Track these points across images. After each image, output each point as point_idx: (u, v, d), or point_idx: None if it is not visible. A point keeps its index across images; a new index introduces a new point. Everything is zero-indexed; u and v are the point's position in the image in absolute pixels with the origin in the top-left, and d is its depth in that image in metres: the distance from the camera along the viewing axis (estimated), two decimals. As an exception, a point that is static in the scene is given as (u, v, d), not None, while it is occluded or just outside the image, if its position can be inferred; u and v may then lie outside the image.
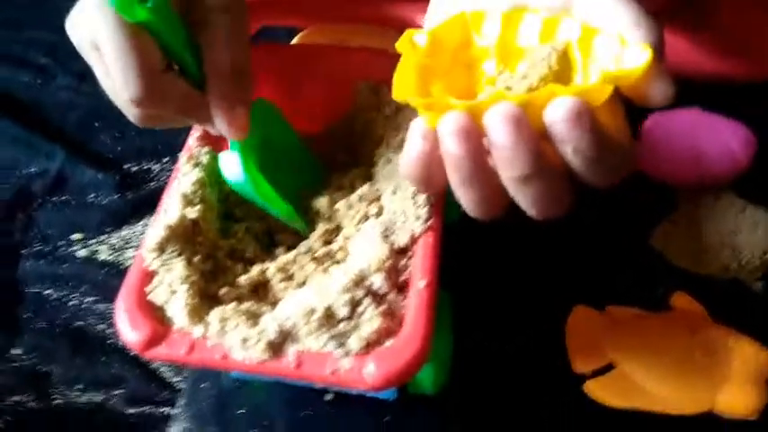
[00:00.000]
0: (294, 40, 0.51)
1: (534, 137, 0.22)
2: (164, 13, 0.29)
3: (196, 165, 0.36)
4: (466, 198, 0.25)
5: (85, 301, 0.45)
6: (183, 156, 0.36)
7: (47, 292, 0.45)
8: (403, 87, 0.26)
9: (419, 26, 0.44)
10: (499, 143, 0.22)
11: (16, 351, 0.42)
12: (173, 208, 0.33)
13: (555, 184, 0.23)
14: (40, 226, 0.49)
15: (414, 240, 0.33)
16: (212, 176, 0.36)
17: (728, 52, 0.51)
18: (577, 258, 0.45)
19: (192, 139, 0.37)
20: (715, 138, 0.48)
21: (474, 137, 0.23)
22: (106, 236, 0.48)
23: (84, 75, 0.61)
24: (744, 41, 0.51)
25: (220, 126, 0.32)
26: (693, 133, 0.48)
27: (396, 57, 0.28)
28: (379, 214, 0.35)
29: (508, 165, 0.23)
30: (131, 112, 0.32)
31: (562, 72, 0.26)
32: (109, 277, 0.45)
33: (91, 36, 0.29)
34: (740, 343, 0.38)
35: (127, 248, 0.48)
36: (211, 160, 0.36)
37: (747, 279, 0.43)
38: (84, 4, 0.30)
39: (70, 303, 0.44)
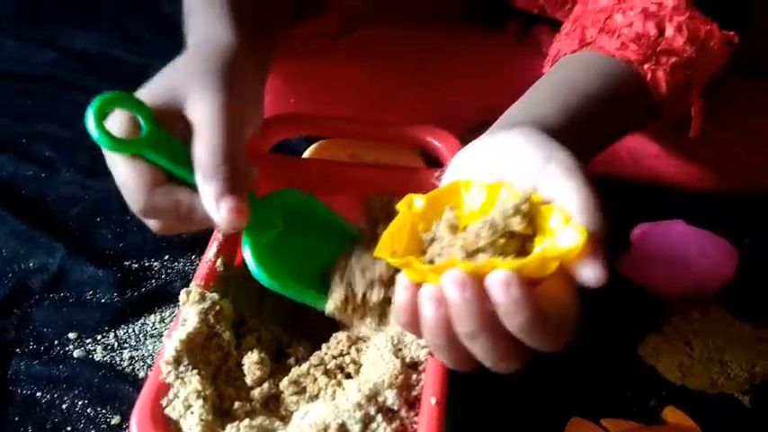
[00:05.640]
0: (308, 151, 0.54)
1: (478, 299, 0.25)
2: (154, 138, 0.33)
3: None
4: (442, 359, 0.28)
5: (77, 404, 0.43)
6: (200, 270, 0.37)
7: (38, 393, 0.43)
8: (386, 247, 0.29)
9: (426, 144, 0.47)
10: (450, 301, 0.26)
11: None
12: (191, 319, 0.33)
13: (500, 341, 0.26)
14: (36, 323, 0.48)
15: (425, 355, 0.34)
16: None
17: (713, 169, 0.56)
18: (571, 369, 0.46)
19: (209, 255, 0.38)
20: (702, 249, 0.50)
21: (444, 305, 0.26)
22: (102, 335, 0.47)
23: (89, 169, 0.62)
24: (728, 160, 0.56)
25: (214, 216, 0.33)
26: (681, 245, 0.50)
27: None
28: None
29: (457, 321, 0.26)
30: (148, 224, 0.37)
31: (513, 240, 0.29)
32: (103, 380, 0.44)
33: None
34: (732, 459, 0.38)
35: (123, 349, 0.47)
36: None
37: (735, 392, 0.44)
38: None
39: (62, 406, 0.43)
